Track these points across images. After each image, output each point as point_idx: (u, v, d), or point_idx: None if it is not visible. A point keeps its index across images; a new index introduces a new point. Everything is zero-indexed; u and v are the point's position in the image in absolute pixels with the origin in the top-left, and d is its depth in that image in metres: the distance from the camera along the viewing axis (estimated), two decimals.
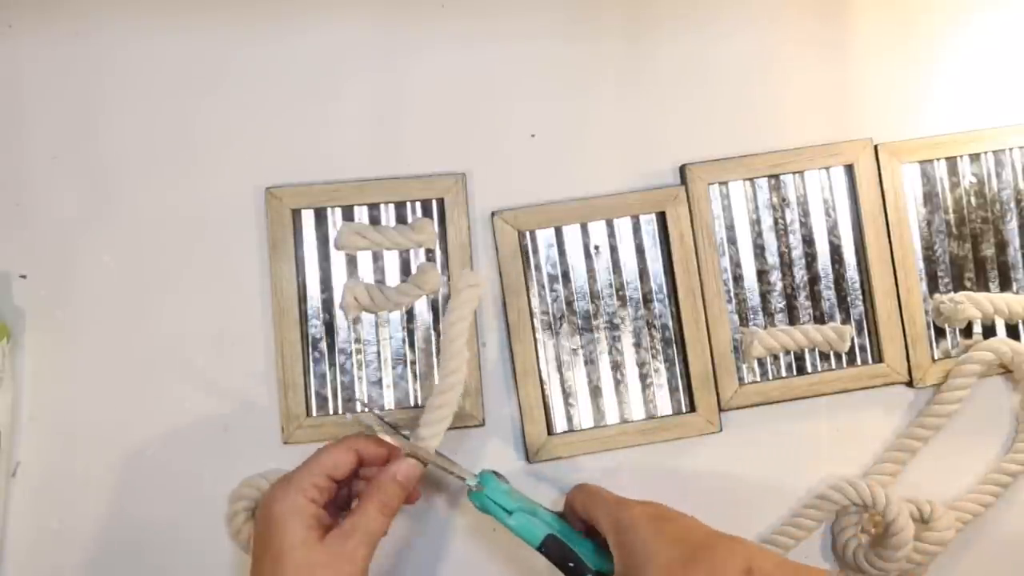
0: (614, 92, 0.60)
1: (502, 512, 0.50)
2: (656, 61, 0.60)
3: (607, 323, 0.58)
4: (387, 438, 0.51)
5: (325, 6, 0.59)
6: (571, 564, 0.49)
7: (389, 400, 0.57)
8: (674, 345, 0.58)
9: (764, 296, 0.59)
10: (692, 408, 0.58)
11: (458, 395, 0.52)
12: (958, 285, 0.60)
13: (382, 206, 0.58)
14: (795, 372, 0.59)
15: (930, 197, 0.60)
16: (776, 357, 0.59)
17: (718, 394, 0.57)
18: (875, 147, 0.59)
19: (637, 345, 0.58)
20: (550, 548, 0.50)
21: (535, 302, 0.58)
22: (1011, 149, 0.61)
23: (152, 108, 0.58)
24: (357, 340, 0.57)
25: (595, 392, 0.58)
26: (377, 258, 0.57)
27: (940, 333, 0.60)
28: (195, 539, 0.56)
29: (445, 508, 0.57)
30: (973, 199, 0.60)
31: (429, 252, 0.57)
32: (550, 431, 0.57)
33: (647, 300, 0.58)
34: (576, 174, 0.59)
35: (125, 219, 0.57)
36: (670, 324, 0.58)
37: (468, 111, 0.59)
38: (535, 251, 0.58)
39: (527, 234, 0.58)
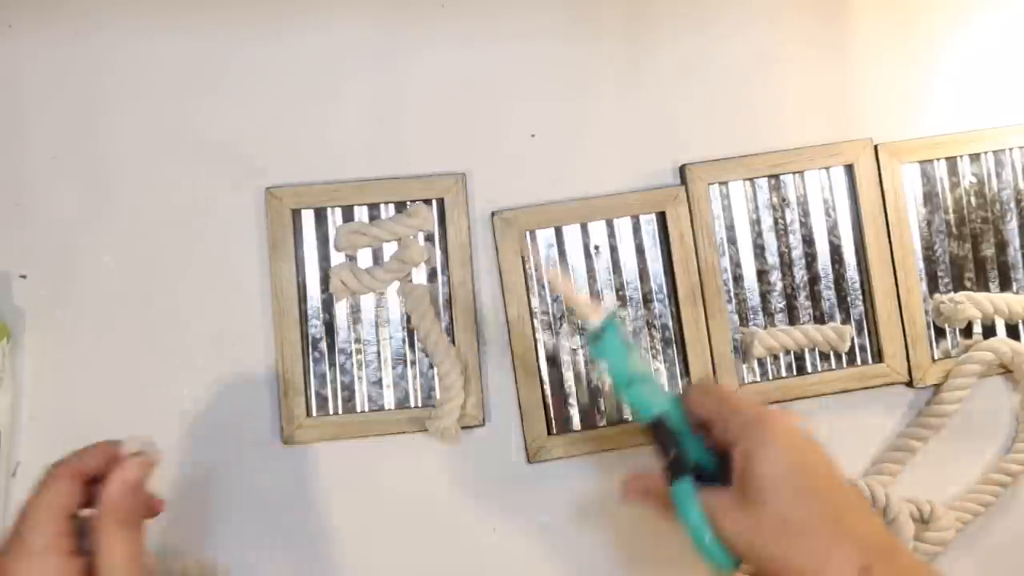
0: (614, 92, 0.60)
1: (623, 374, 0.45)
2: (656, 61, 0.60)
3: None
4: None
5: (325, 6, 0.59)
6: (672, 451, 0.44)
7: (390, 400, 0.57)
8: (674, 345, 0.58)
9: (764, 296, 0.59)
10: None
11: (459, 374, 0.55)
12: (958, 285, 0.60)
13: (382, 206, 0.58)
14: (795, 372, 0.59)
15: (930, 197, 0.60)
16: (776, 357, 0.59)
17: None
18: (875, 147, 0.59)
19: (637, 345, 0.58)
20: (658, 429, 0.44)
21: (535, 302, 0.58)
22: (1011, 149, 0.61)
23: (152, 108, 0.58)
24: (357, 340, 0.57)
25: (595, 392, 0.58)
26: (377, 258, 0.57)
27: (940, 333, 0.60)
28: (195, 539, 0.55)
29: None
30: (973, 199, 0.60)
31: (428, 238, 0.57)
32: (550, 431, 0.57)
33: (647, 300, 0.58)
34: (576, 174, 0.59)
35: (125, 219, 0.57)
36: (670, 324, 0.58)
37: (468, 111, 0.59)
38: (535, 251, 0.58)
39: (527, 234, 0.58)
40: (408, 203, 0.57)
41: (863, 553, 0.39)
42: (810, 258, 0.59)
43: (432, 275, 0.57)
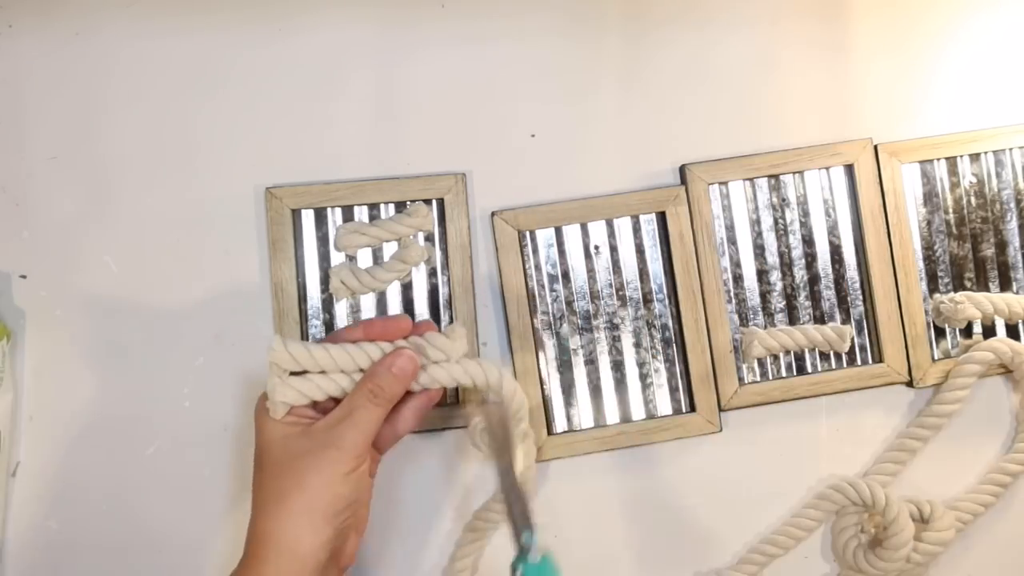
0: (614, 92, 0.60)
1: None
2: (656, 61, 0.60)
3: (607, 323, 0.58)
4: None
5: (325, 7, 0.59)
6: None
7: None
8: (674, 345, 0.58)
9: (764, 296, 0.59)
10: (692, 408, 0.58)
11: None
12: (958, 285, 0.60)
13: (382, 206, 0.58)
14: (795, 372, 0.59)
15: (930, 197, 0.60)
16: (776, 357, 0.59)
17: (718, 394, 0.57)
18: (875, 147, 0.59)
19: (637, 345, 0.58)
20: None
21: (535, 302, 0.58)
22: (1011, 149, 0.61)
23: (152, 108, 0.58)
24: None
25: (595, 392, 0.58)
26: (377, 258, 0.57)
27: (940, 333, 0.60)
28: (195, 539, 0.56)
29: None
30: (973, 199, 0.60)
31: (428, 238, 0.57)
32: (550, 431, 0.57)
33: (647, 300, 0.58)
34: (576, 174, 0.59)
35: (125, 219, 0.57)
36: (670, 324, 0.58)
37: (468, 111, 0.59)
38: (535, 251, 0.58)
39: (527, 234, 0.58)
40: (408, 203, 0.57)
41: None
42: (810, 258, 0.59)
43: (432, 275, 0.57)
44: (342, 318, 0.57)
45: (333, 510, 0.43)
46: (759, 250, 0.59)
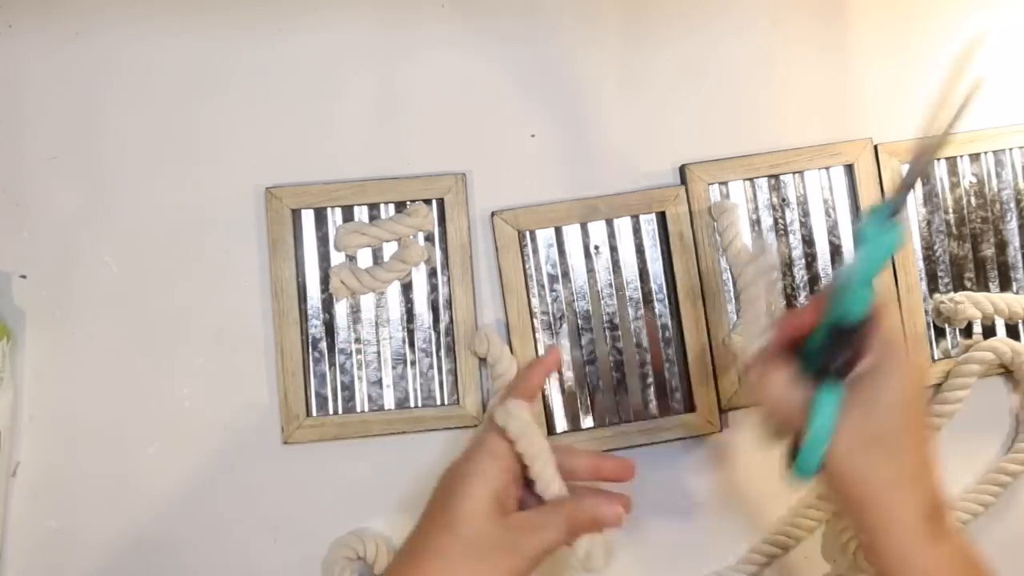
0: (614, 92, 0.60)
1: (868, 274, 0.41)
2: (656, 61, 0.60)
3: (607, 323, 0.58)
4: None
5: (325, 7, 0.59)
6: (846, 355, 0.42)
7: (389, 400, 0.57)
8: (674, 345, 0.58)
9: None
10: (692, 408, 0.58)
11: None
12: (958, 285, 0.60)
13: (382, 206, 0.58)
14: None
15: (930, 197, 0.60)
16: None
17: (718, 394, 0.57)
18: (875, 147, 0.59)
19: (637, 345, 0.58)
20: (848, 332, 0.42)
21: (535, 302, 0.58)
22: (1011, 149, 0.61)
23: (152, 108, 0.58)
24: (357, 340, 0.57)
25: (595, 392, 0.58)
26: (377, 258, 0.57)
27: (940, 333, 0.60)
28: (195, 539, 0.56)
29: None
30: (973, 199, 0.60)
31: (428, 238, 0.57)
32: (551, 431, 0.57)
33: (647, 300, 0.58)
34: (576, 174, 0.59)
35: (125, 219, 0.57)
36: (670, 324, 0.58)
37: (468, 111, 0.59)
38: (535, 251, 0.58)
39: (527, 234, 0.58)
40: (408, 203, 0.57)
41: (935, 497, 0.42)
42: (810, 258, 0.59)
43: (432, 275, 0.58)
44: (342, 318, 0.57)
45: None
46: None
